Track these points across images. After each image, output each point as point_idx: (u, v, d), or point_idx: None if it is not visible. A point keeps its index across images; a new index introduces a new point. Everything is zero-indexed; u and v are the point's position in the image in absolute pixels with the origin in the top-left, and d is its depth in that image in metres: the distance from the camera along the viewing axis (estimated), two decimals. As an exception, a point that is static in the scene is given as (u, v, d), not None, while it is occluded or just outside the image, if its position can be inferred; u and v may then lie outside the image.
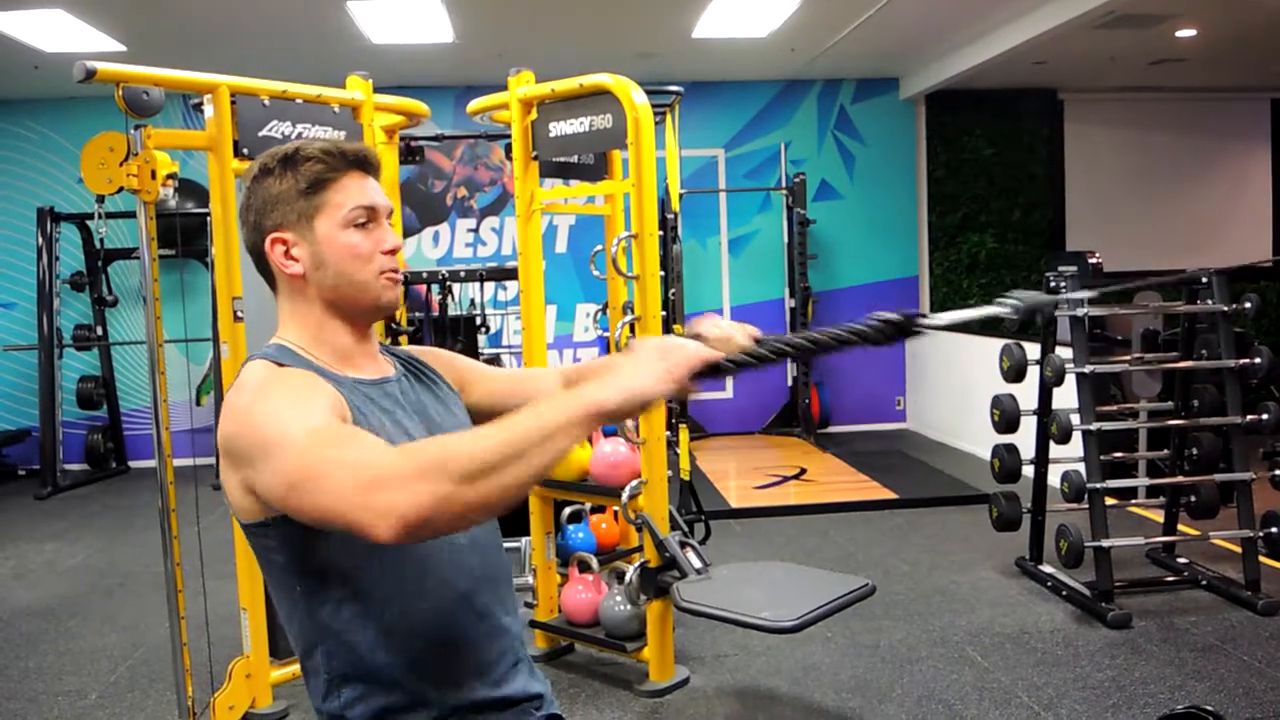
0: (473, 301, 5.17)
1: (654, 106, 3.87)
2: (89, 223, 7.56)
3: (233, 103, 3.40)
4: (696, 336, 1.36)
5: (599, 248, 4.46)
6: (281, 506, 1.22)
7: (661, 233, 7.43)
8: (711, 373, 1.30)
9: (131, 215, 3.35)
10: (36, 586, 5.32)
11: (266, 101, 3.50)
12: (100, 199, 3.27)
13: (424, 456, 1.12)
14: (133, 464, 8.31)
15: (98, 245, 7.63)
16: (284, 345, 1.41)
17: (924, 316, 1.35)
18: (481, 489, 1.10)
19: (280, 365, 1.35)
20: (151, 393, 3.37)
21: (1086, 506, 4.40)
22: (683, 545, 3.68)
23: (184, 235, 6.77)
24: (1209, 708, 2.17)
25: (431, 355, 1.61)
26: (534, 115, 3.90)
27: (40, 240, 7.69)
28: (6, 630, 4.66)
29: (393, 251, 1.42)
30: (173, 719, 3.55)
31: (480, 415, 1.57)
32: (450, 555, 1.39)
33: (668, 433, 4.03)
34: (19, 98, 8.11)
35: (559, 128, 3.81)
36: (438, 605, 1.38)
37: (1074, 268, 4.72)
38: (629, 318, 3.81)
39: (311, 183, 1.39)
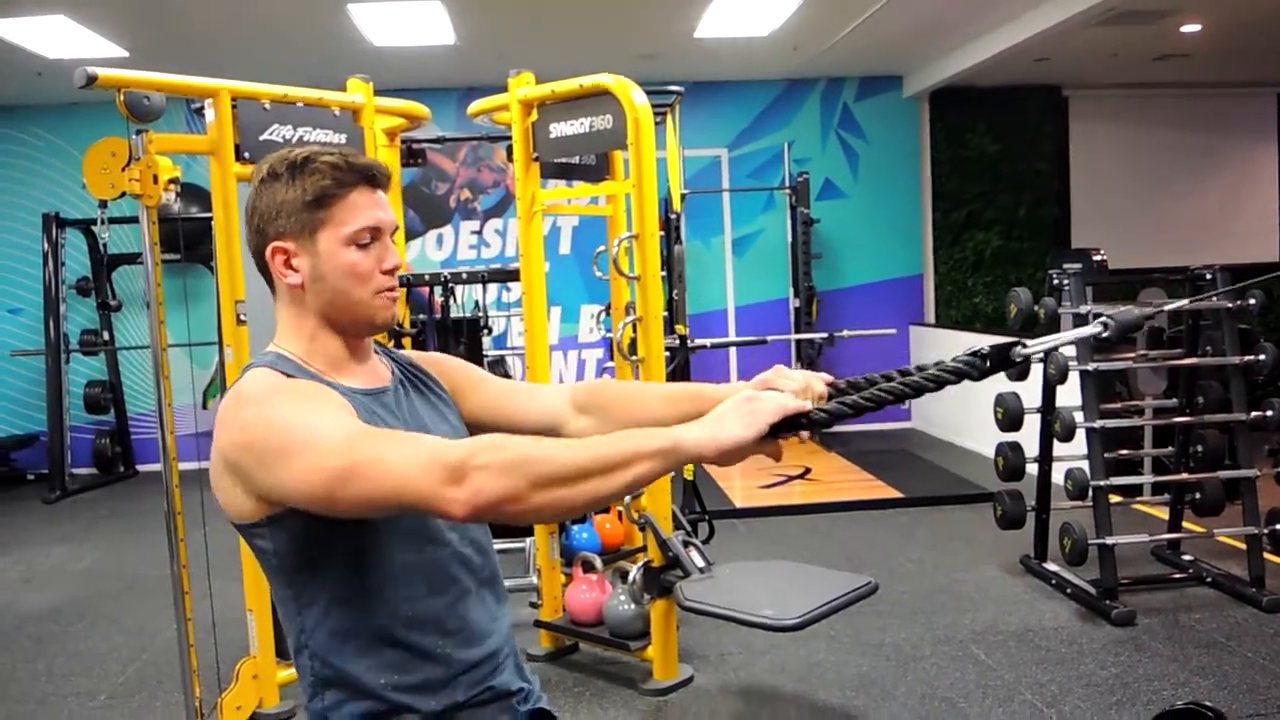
0: (477, 303, 5.17)
1: (654, 107, 3.88)
2: (93, 228, 7.59)
3: (234, 107, 3.42)
4: (768, 390, 1.34)
5: (601, 248, 4.48)
6: (316, 502, 1.23)
7: (664, 233, 7.46)
8: (801, 425, 1.26)
9: (135, 220, 3.36)
10: (45, 590, 5.34)
11: (267, 105, 3.51)
12: (103, 204, 3.27)
13: (506, 453, 1.18)
14: (140, 468, 8.34)
15: (101, 250, 7.66)
16: (283, 354, 1.41)
17: (1021, 345, 1.30)
18: (551, 496, 1.18)
19: (285, 375, 1.36)
20: (156, 397, 3.38)
21: (1091, 504, 4.40)
22: (686, 544, 3.69)
23: (188, 240, 6.78)
24: (1208, 704, 2.17)
25: (431, 362, 1.61)
26: (534, 116, 3.91)
27: (46, 246, 7.72)
28: (15, 634, 4.68)
29: (393, 270, 1.42)
30: (181, 719, 3.57)
31: (476, 424, 1.57)
32: (441, 558, 1.40)
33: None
34: (23, 104, 8.15)
35: (559, 129, 3.82)
36: (426, 609, 1.39)
37: (1079, 265, 4.71)
38: (631, 318, 3.82)
39: (317, 196, 1.38)
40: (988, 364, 1.31)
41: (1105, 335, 1.38)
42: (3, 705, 3.90)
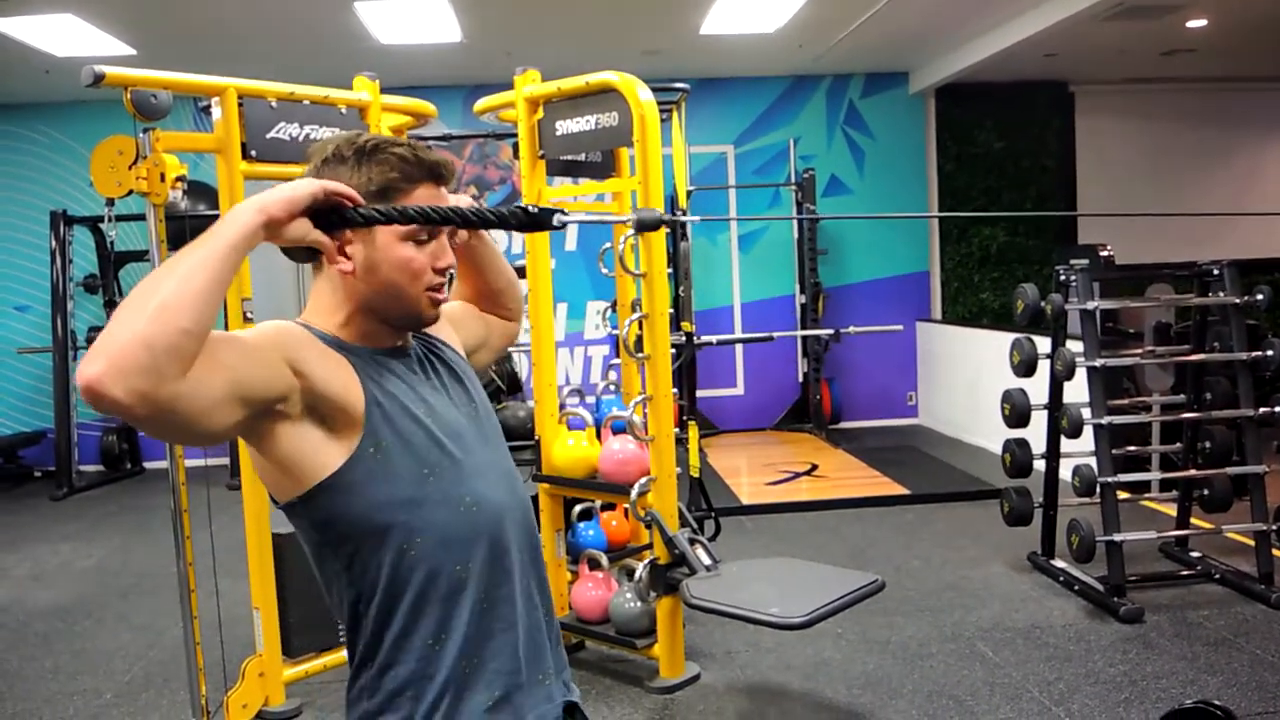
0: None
1: (660, 104, 3.87)
2: (101, 225, 7.60)
3: (240, 105, 3.42)
4: None
5: (607, 245, 4.47)
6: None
7: (669, 230, 7.46)
8: (335, 218, 1.32)
9: (143, 218, 3.35)
10: (52, 587, 5.35)
11: (274, 103, 3.51)
12: (110, 202, 3.26)
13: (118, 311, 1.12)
14: (148, 465, 8.35)
15: (109, 248, 7.67)
16: (308, 326, 1.38)
17: (561, 213, 1.45)
18: (162, 318, 1.09)
19: (301, 326, 1.36)
20: (162, 394, 3.38)
21: (1098, 501, 4.38)
22: (692, 542, 3.69)
23: (196, 237, 6.79)
24: (1217, 703, 2.16)
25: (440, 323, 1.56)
26: (540, 114, 3.91)
27: (53, 243, 7.74)
28: (22, 631, 4.69)
29: (445, 270, 1.41)
30: (187, 718, 3.57)
31: (482, 344, 1.66)
32: (513, 568, 1.43)
33: (677, 430, 4.03)
34: (31, 102, 8.17)
35: (565, 126, 3.82)
36: (493, 606, 1.40)
37: (1085, 261, 4.69)
38: (637, 315, 3.81)
39: (382, 187, 1.36)
40: (527, 218, 1.42)
41: None
42: (9, 703, 3.91)
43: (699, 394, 8.16)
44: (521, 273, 4.20)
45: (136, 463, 8.36)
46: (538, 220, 1.41)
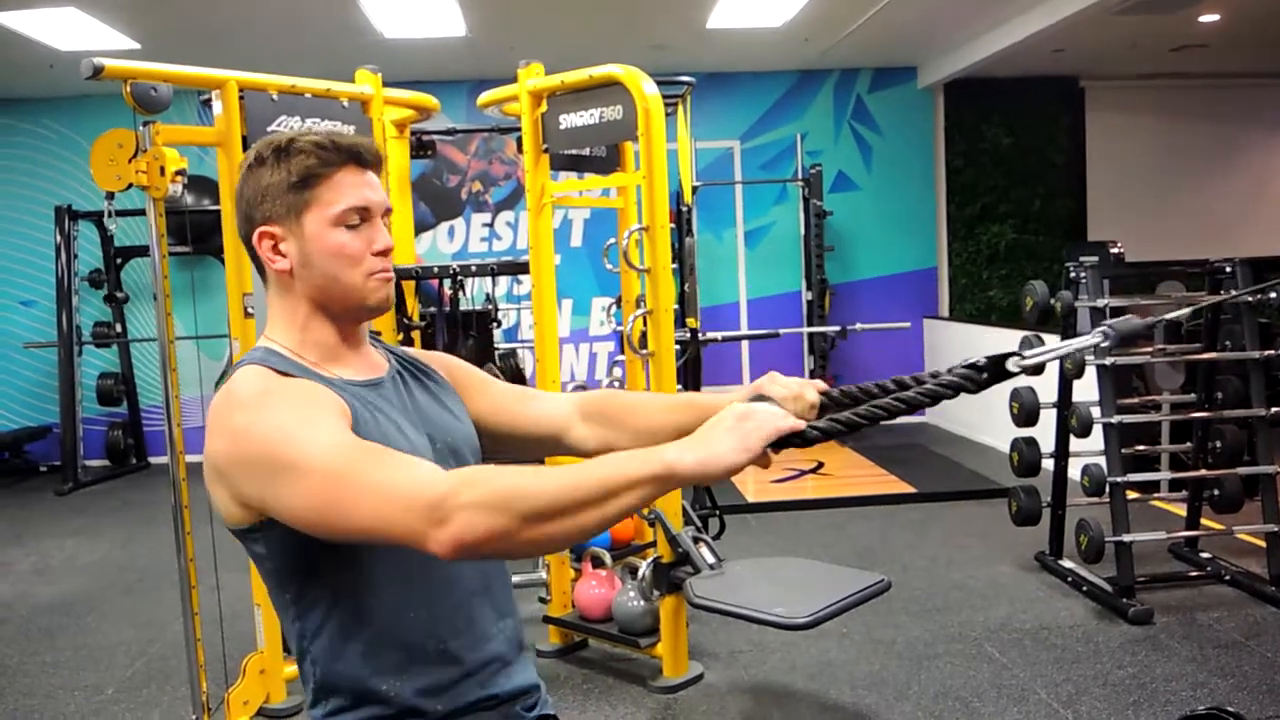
0: (488, 296, 5.14)
1: (665, 98, 3.84)
2: (104, 221, 7.58)
3: (241, 98, 3.39)
4: (761, 398, 1.31)
5: (611, 241, 4.44)
6: (308, 529, 1.20)
7: (675, 226, 7.42)
8: (793, 442, 1.23)
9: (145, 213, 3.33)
10: (56, 582, 5.34)
11: (275, 96, 3.48)
12: (110, 196, 3.24)
13: (490, 488, 1.12)
14: (153, 459, 8.35)
15: (109, 243, 7.65)
16: (272, 348, 1.37)
17: (1018, 356, 1.25)
18: (541, 531, 1.13)
19: (276, 373, 1.31)
20: (163, 389, 3.36)
21: (1107, 500, 4.34)
22: (696, 540, 3.65)
23: (199, 232, 6.79)
24: (1230, 709, 2.12)
25: (432, 358, 1.57)
26: (544, 108, 3.87)
27: (58, 238, 7.73)
28: (26, 626, 4.68)
29: (385, 253, 1.37)
30: (188, 714, 3.55)
31: (481, 426, 1.53)
32: (444, 563, 1.37)
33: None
34: (35, 96, 8.15)
35: (569, 120, 3.78)
36: (428, 614, 1.35)
37: (1095, 258, 4.64)
38: (640, 311, 3.78)
39: (302, 177, 1.33)
40: (984, 376, 1.26)
41: (1105, 345, 1.33)
42: (10, 699, 3.89)
43: (705, 390, 8.13)
44: (525, 268, 4.17)
45: (142, 458, 8.35)
46: (996, 373, 1.26)
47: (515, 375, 5.64)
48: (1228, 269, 4.47)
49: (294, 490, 1.18)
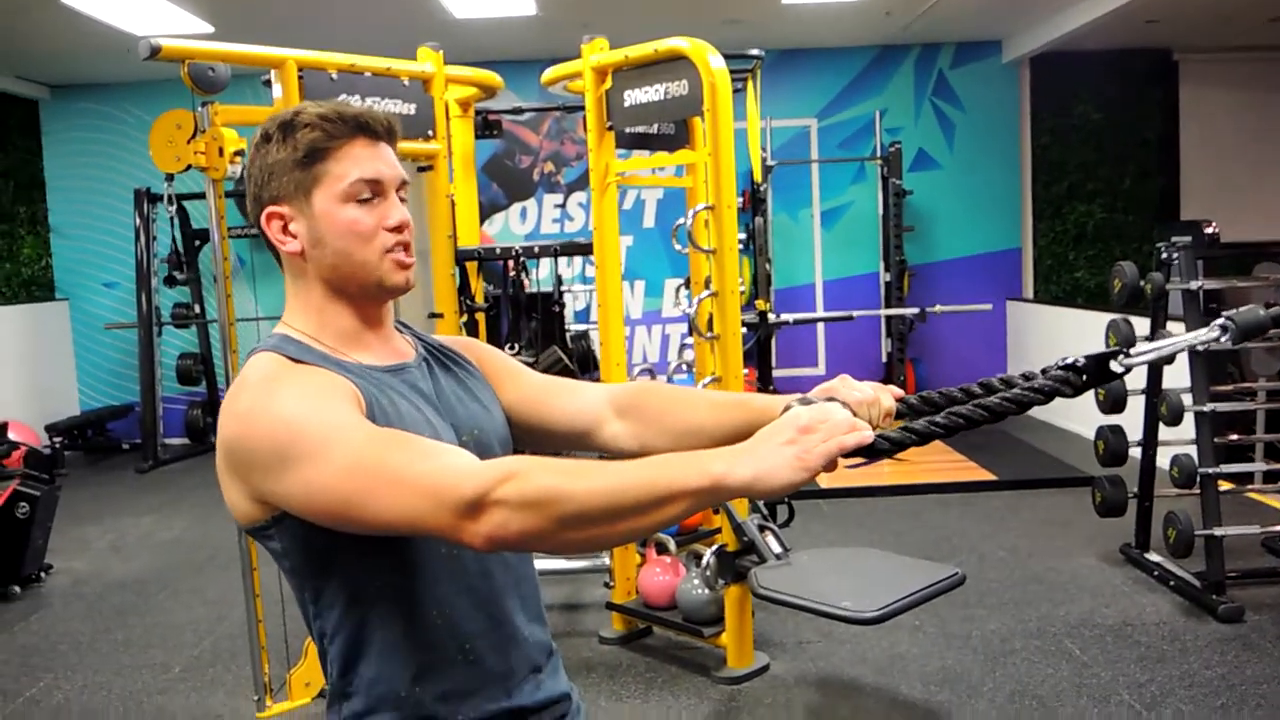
0: (559, 278, 5.08)
1: (734, 73, 3.72)
2: (184, 203, 7.69)
3: (300, 77, 3.35)
4: (831, 400, 1.19)
5: (680, 221, 4.33)
6: (327, 521, 1.14)
7: (747, 204, 7.28)
8: (861, 454, 1.13)
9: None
10: (131, 560, 5.43)
11: (335, 75, 3.44)
12: (169, 178, 3.26)
13: (530, 485, 1.06)
14: (231, 438, 8.47)
15: (171, 225, 7.75)
16: (288, 335, 1.30)
17: (1123, 354, 1.13)
18: (576, 536, 1.08)
19: (290, 360, 1.24)
20: (224, 371, 3.36)
21: (1198, 492, 4.14)
22: (762, 529, 3.53)
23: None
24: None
25: (464, 345, 1.49)
26: (608, 84, 3.78)
27: (138, 221, 7.88)
28: (99, 603, 4.76)
29: (399, 228, 1.28)
30: (251, 694, 3.56)
31: (512, 416, 1.45)
32: (468, 560, 1.29)
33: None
34: (116, 81, 8.31)
35: (634, 96, 3.68)
36: (450, 614, 1.27)
37: (1188, 238, 4.42)
38: (706, 293, 3.67)
39: (309, 152, 1.25)
40: (1083, 378, 1.14)
41: (1225, 340, 1.18)
42: (80, 674, 3.95)
43: (779, 373, 7.99)
44: (588, 249, 4.09)
45: (220, 436, 8.49)
46: (1097, 373, 1.16)
47: (583, 357, 5.57)
48: (1333, 248, 4.21)
49: (311, 480, 1.12)
